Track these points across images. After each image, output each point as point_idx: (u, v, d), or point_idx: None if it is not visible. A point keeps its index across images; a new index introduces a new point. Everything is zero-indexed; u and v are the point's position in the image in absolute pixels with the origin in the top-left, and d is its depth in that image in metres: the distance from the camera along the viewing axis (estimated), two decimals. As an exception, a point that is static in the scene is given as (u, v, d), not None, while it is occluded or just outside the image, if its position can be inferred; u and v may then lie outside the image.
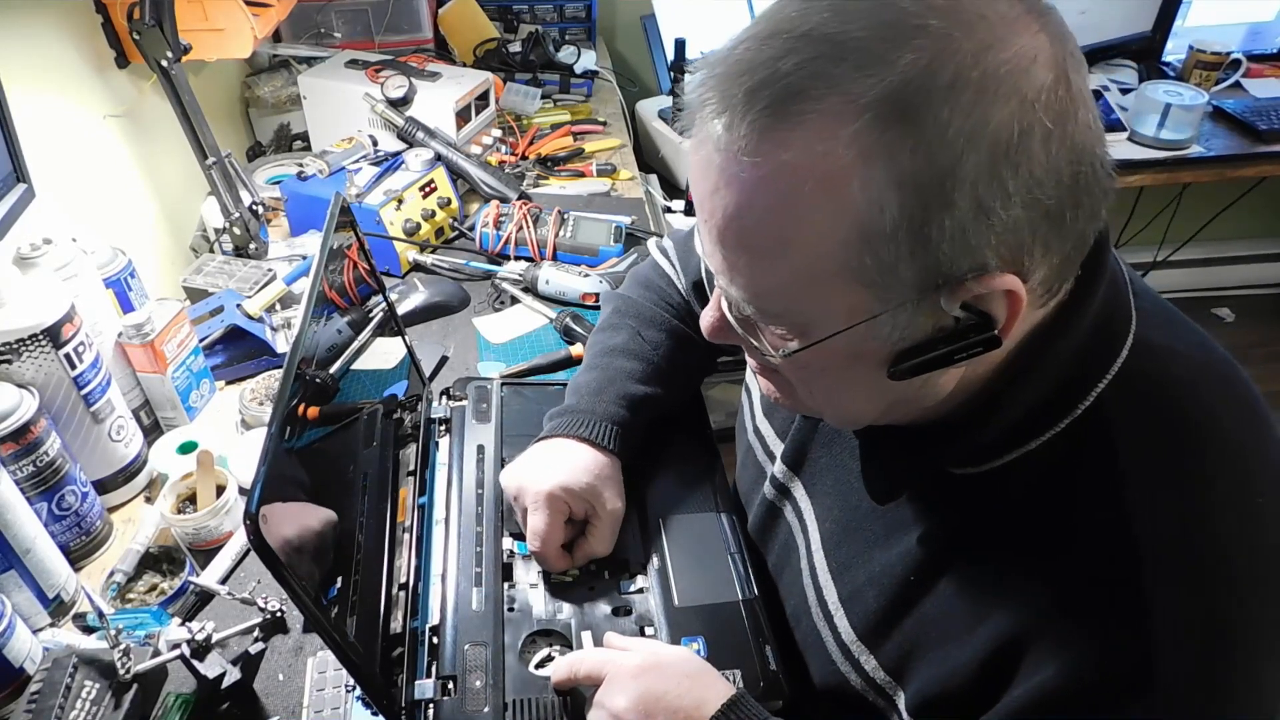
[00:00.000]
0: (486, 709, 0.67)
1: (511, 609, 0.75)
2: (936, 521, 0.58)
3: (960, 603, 0.55)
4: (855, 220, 0.43)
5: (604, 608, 0.76)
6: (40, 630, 0.78)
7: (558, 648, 0.73)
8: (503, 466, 0.85)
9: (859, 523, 0.66)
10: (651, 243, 1.00)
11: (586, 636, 0.73)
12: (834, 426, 0.69)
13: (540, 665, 0.71)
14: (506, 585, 0.77)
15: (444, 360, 1.14)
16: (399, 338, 0.94)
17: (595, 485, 0.77)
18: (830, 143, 0.42)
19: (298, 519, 0.63)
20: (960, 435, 0.54)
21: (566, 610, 0.76)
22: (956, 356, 0.47)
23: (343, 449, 0.80)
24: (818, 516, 0.71)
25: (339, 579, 0.68)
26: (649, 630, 0.75)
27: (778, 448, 0.77)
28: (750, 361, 0.63)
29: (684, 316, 0.90)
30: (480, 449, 0.89)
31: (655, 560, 0.80)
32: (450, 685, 0.68)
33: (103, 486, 0.91)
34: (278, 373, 1.08)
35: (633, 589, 0.78)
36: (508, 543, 0.80)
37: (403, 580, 0.77)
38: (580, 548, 0.78)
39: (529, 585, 0.77)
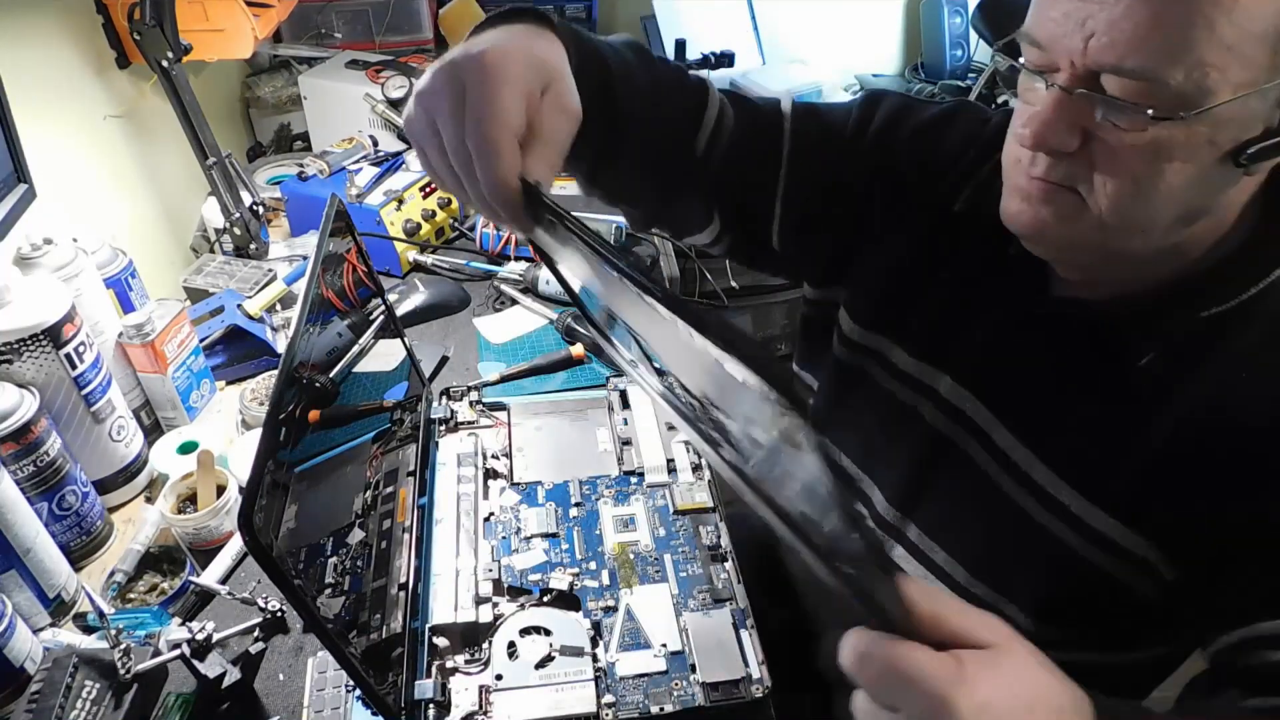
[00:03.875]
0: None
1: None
2: (1178, 370, 0.61)
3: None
4: None
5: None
6: (41, 630, 0.78)
7: (558, 646, 0.73)
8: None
9: (1072, 407, 0.66)
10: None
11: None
12: (1107, 238, 0.61)
13: (541, 665, 0.72)
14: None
15: (444, 360, 1.14)
16: (399, 339, 0.95)
17: (555, 64, 0.56)
18: None
19: (294, 521, 0.63)
20: (1220, 275, 0.59)
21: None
22: None
23: (341, 451, 0.80)
24: (1021, 427, 0.69)
25: (337, 580, 0.68)
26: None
27: (941, 381, 0.73)
28: (1039, 172, 0.59)
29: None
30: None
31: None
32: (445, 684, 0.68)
33: (103, 486, 0.92)
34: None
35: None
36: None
37: (402, 580, 0.77)
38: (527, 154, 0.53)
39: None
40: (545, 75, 0.54)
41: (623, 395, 0.99)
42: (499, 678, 0.71)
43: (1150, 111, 0.53)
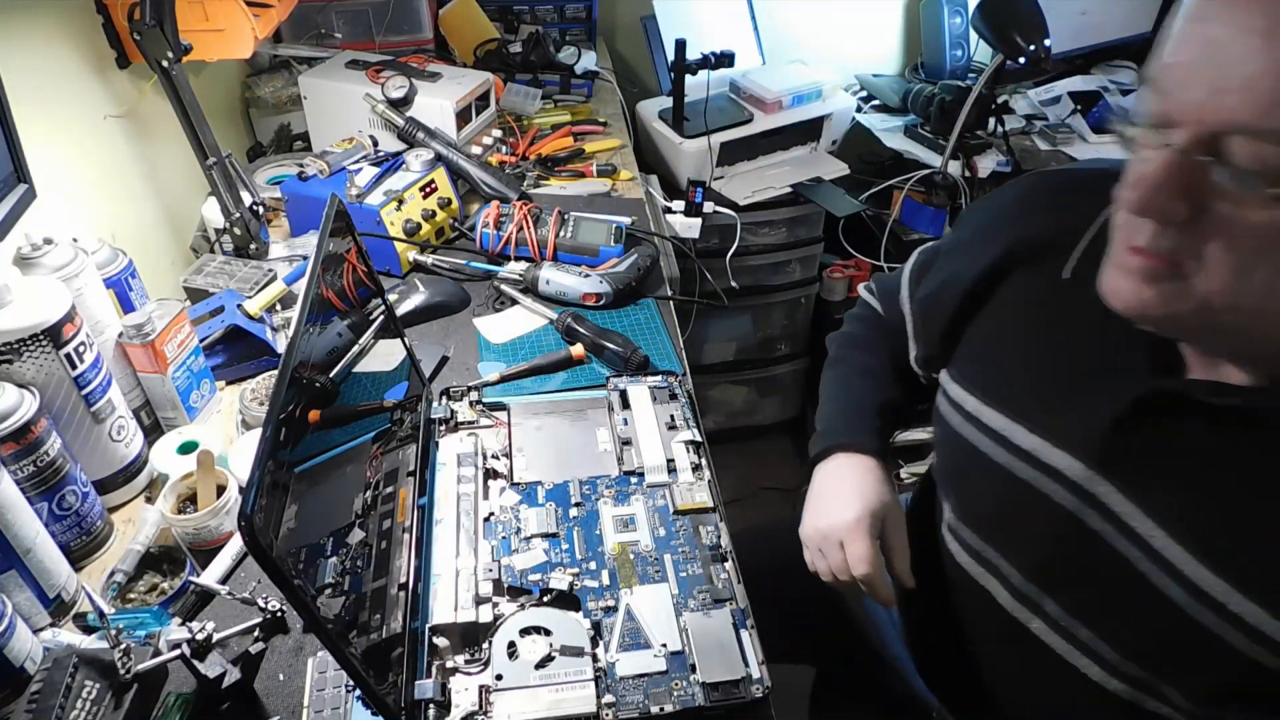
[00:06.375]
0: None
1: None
2: None
3: None
4: None
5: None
6: (41, 630, 0.78)
7: (558, 646, 0.73)
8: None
9: (1219, 497, 0.60)
10: (861, 287, 1.06)
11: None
12: (1210, 318, 0.55)
13: (541, 665, 0.72)
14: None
15: (444, 360, 1.14)
16: (399, 339, 0.95)
17: (888, 499, 0.83)
18: None
19: (294, 521, 0.63)
20: None
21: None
22: None
23: (341, 451, 0.80)
24: (1164, 516, 0.62)
25: (337, 580, 0.68)
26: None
27: (1065, 461, 0.67)
28: (1142, 241, 0.54)
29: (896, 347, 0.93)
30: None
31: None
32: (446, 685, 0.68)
33: (103, 486, 0.91)
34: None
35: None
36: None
37: (402, 580, 0.77)
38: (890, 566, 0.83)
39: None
40: (884, 512, 0.82)
41: (623, 395, 0.99)
42: (499, 678, 0.71)
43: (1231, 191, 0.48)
